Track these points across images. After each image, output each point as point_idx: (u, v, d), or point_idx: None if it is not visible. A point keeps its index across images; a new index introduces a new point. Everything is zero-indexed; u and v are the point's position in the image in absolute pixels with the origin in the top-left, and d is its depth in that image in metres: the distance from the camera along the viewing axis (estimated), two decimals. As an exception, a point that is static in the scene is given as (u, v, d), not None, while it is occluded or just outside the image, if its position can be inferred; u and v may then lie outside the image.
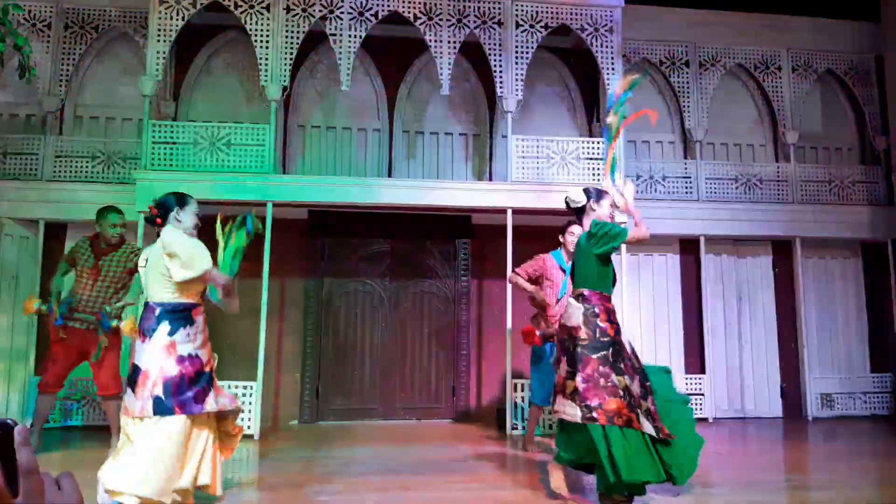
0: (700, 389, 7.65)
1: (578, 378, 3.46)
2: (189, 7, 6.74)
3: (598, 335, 3.54)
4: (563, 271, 5.37)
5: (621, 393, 3.41)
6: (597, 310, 3.61)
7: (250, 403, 6.25)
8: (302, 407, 7.21)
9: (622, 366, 3.50)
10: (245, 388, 6.28)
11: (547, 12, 7.25)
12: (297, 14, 6.90)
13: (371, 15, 6.98)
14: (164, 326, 3.33)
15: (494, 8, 7.20)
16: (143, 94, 6.65)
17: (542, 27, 7.22)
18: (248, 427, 6.18)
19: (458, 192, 6.95)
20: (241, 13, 6.84)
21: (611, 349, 3.52)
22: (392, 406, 7.40)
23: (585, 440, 3.43)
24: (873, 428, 7.14)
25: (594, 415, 3.37)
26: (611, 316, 3.63)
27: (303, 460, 5.12)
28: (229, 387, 6.25)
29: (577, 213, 3.97)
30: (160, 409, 3.19)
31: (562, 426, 3.61)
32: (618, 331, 3.62)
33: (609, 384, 3.44)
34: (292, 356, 7.33)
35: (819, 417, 7.78)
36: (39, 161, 6.99)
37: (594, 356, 3.51)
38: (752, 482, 4.34)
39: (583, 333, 3.56)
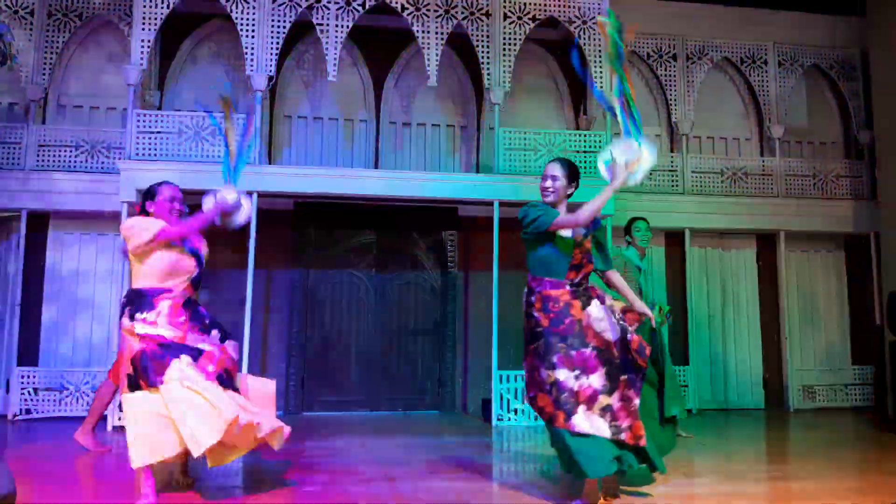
0: (683, 381, 7.70)
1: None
2: (174, -5, 6.67)
3: (532, 326, 3.38)
4: (639, 269, 5.49)
5: (548, 388, 3.27)
6: (532, 298, 3.43)
7: (236, 395, 6.22)
8: (287, 398, 7.19)
9: (555, 359, 3.28)
10: (230, 379, 6.25)
11: (535, 4, 7.23)
12: (284, 3, 6.85)
13: (358, 5, 6.94)
14: (126, 312, 3.47)
15: (482, -1, 7.18)
16: (127, 83, 6.58)
17: (529, 19, 7.21)
18: (234, 418, 6.15)
19: (445, 184, 6.94)
20: (227, 1, 6.78)
21: (541, 341, 3.33)
22: (378, 397, 7.40)
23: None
24: (854, 419, 7.23)
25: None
26: (548, 304, 3.37)
27: (287, 451, 5.10)
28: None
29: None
30: (130, 385, 3.37)
31: None
32: (554, 321, 3.33)
33: (538, 378, 3.33)
34: (277, 347, 7.31)
35: (801, 409, 7.86)
36: (22, 150, 6.90)
37: (530, 347, 3.40)
38: (733, 473, 4.38)
39: (524, 325, 3.45)
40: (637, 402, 3.31)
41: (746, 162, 8.21)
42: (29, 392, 6.51)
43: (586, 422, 3.21)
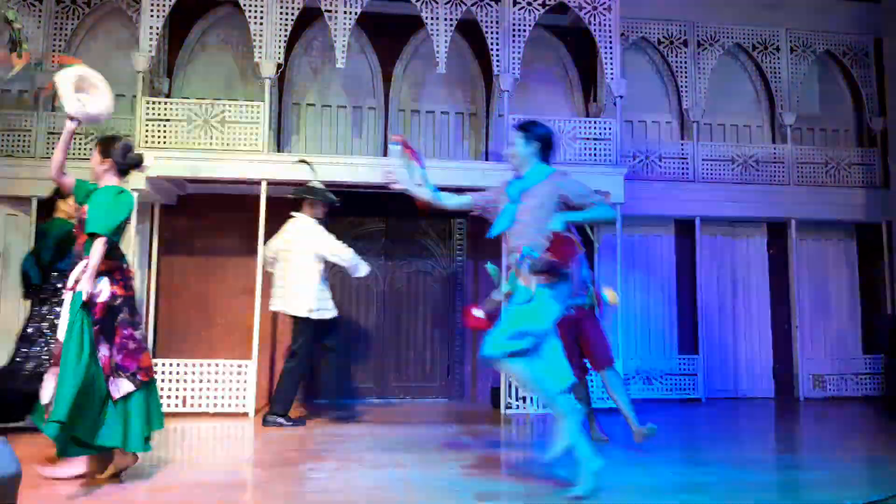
0: (693, 370, 7.69)
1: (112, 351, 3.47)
2: (182, -18, 6.64)
3: (111, 301, 3.50)
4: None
5: (145, 345, 3.64)
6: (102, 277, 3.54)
7: (245, 382, 6.26)
8: (297, 385, 7.22)
9: (138, 318, 3.68)
10: (240, 366, 6.29)
11: (545, -10, 7.17)
12: (292, -10, 6.80)
13: (367, -9, 6.89)
14: None
15: (492, -15, 7.12)
16: (136, 71, 6.58)
17: (539, 5, 7.14)
18: (244, 406, 6.20)
19: (454, 172, 6.91)
20: (236, -12, 6.74)
21: (126, 307, 3.56)
22: (387, 385, 7.42)
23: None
24: (864, 409, 7.21)
25: (140, 378, 3.50)
26: (113, 275, 3.55)
27: (297, 438, 5.13)
28: (224, 365, 6.28)
29: None
30: None
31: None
32: (127, 287, 3.60)
33: (136, 344, 3.54)
34: (287, 335, 7.31)
35: (811, 398, 7.83)
36: (32, 138, 6.92)
37: (117, 320, 3.52)
38: (743, 461, 4.37)
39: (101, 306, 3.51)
40: None
41: (758, 149, 8.14)
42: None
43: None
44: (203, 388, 6.24)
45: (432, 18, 6.99)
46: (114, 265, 3.59)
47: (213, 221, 7.25)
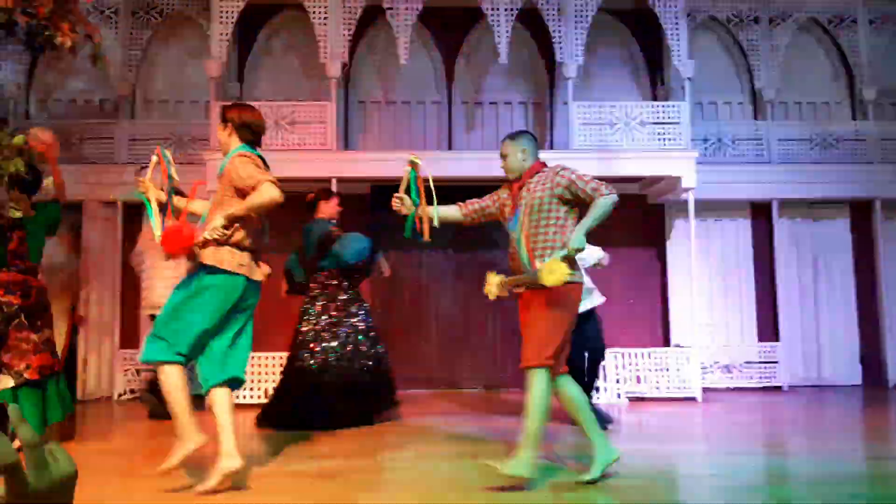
0: (774, 357, 7.45)
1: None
2: (249, -13, 6.83)
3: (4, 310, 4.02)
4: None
5: (42, 347, 4.08)
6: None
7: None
8: (370, 378, 7.34)
9: (40, 323, 4.12)
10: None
11: (607, -27, 7.04)
12: (355, -11, 6.90)
13: (427, -14, 6.92)
14: None
15: (553, -28, 7.03)
16: (209, 76, 6.81)
17: (602, -11, 7.02)
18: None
19: (519, 162, 6.87)
20: (300, -9, 6.88)
21: (22, 315, 4.04)
22: (458, 375, 7.47)
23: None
24: (961, 396, 6.83)
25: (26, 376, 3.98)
26: (10, 287, 4.05)
27: (373, 429, 5.22)
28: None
29: None
30: None
31: None
32: (24, 295, 4.07)
33: (28, 344, 4.02)
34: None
35: (901, 385, 7.47)
36: (115, 145, 7.26)
37: (9, 328, 4.02)
38: (831, 452, 4.21)
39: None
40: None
41: (837, 127, 7.78)
42: (132, 373, 6.89)
43: None
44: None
45: (493, 9, 6.97)
46: (8, 278, 4.08)
47: (284, 220, 7.42)
